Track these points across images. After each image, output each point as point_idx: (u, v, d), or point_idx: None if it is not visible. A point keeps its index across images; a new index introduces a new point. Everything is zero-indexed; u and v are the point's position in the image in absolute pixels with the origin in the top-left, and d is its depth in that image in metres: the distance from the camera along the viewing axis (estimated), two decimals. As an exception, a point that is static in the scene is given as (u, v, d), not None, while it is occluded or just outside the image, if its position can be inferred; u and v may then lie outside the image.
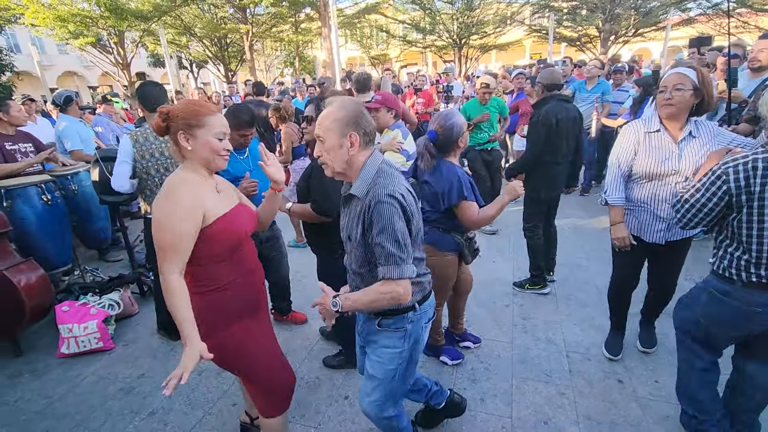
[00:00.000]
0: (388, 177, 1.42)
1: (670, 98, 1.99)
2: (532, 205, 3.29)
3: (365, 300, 1.44)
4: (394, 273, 1.37)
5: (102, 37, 15.63)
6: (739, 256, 1.59)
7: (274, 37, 20.99)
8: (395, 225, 1.35)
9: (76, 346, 2.83)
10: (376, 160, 1.46)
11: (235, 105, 2.73)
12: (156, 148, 2.71)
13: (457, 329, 2.74)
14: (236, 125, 2.43)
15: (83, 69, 27.70)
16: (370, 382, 1.66)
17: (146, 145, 2.68)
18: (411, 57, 27.21)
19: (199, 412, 2.32)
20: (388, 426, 1.72)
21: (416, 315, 1.56)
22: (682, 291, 3.20)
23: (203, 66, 23.09)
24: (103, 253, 4.59)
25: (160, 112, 1.41)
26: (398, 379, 1.62)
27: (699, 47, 4.72)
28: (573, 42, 19.00)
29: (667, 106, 2.02)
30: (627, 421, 2.10)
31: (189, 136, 1.42)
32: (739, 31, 14.65)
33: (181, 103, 1.45)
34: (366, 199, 1.40)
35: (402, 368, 1.60)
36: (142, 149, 2.66)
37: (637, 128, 2.18)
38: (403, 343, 1.56)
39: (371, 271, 1.48)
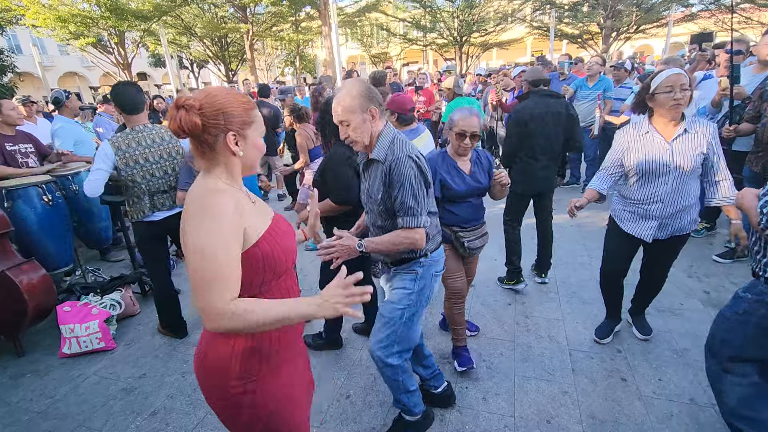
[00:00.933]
0: (402, 143, 1.65)
1: (680, 98, 2.03)
2: (512, 199, 3.28)
3: (386, 242, 1.68)
4: (412, 222, 1.63)
5: (103, 37, 15.68)
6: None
7: (275, 37, 20.98)
8: (412, 182, 1.59)
9: (78, 346, 2.83)
10: (390, 129, 1.69)
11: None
12: (140, 154, 2.64)
13: None
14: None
15: (84, 70, 27.78)
16: (379, 322, 1.85)
17: (129, 152, 2.60)
18: (412, 55, 27.15)
19: (201, 412, 2.32)
20: (393, 379, 1.87)
21: (427, 260, 1.80)
22: (681, 287, 3.21)
23: (204, 66, 23.16)
24: (104, 253, 4.60)
25: (190, 107, 1.03)
26: (405, 322, 1.80)
27: (701, 43, 4.70)
28: (574, 39, 18.92)
29: (677, 106, 2.05)
30: (631, 420, 2.08)
31: (241, 137, 1.11)
32: (742, 26, 14.55)
33: (223, 96, 1.08)
34: (387, 161, 1.62)
35: (410, 311, 1.80)
36: (125, 156, 2.59)
37: (628, 132, 2.27)
38: (413, 284, 1.79)
39: (393, 223, 1.70)
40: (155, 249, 2.92)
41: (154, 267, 2.97)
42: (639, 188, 2.26)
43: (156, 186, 2.73)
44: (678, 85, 2.01)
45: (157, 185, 2.73)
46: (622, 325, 2.79)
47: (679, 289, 3.21)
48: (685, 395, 2.21)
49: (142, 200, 2.70)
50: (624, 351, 2.58)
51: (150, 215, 2.73)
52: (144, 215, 2.72)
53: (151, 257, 2.94)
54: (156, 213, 2.75)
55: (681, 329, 2.73)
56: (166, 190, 2.78)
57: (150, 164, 2.69)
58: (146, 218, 2.73)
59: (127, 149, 2.61)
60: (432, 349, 2.59)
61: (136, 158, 2.64)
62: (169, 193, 2.80)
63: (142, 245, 2.91)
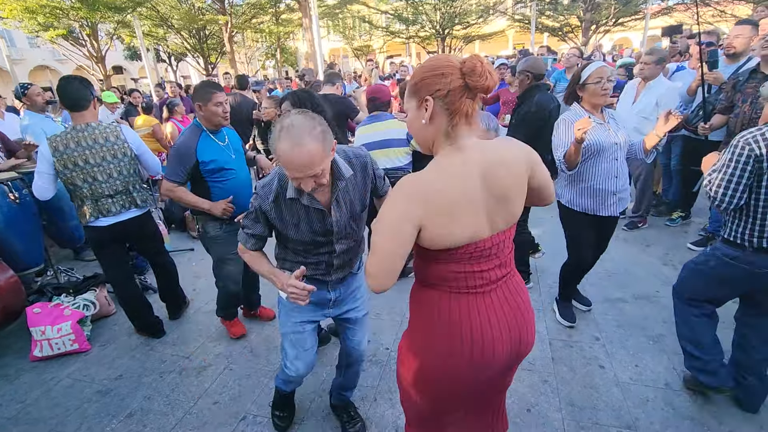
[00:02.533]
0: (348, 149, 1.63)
1: (607, 88, 2.29)
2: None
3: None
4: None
5: (74, 29, 15.13)
6: (751, 225, 1.77)
7: (255, 29, 20.59)
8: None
9: (50, 348, 2.74)
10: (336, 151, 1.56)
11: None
12: (79, 155, 2.45)
13: None
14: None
15: (56, 63, 26.77)
16: (365, 323, 1.94)
17: (68, 153, 2.43)
18: (394, 48, 27.01)
19: (179, 412, 2.27)
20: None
21: None
22: (657, 275, 3.28)
23: (182, 59, 22.54)
24: (78, 252, 4.45)
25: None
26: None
27: (671, 35, 4.82)
28: (555, 32, 19.10)
29: (604, 94, 2.30)
30: (608, 406, 2.12)
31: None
32: (716, 19, 14.91)
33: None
34: (357, 164, 1.58)
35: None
36: (63, 158, 2.42)
37: (570, 118, 2.37)
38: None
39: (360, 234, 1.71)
40: (109, 254, 2.75)
41: (112, 273, 2.82)
42: (593, 167, 2.40)
43: (99, 190, 2.55)
44: (605, 76, 2.26)
45: (100, 189, 2.55)
46: (598, 312, 2.85)
47: (655, 276, 3.28)
48: (661, 380, 2.26)
49: (84, 204, 2.54)
50: (602, 339, 2.62)
51: (94, 221, 2.58)
52: (86, 220, 2.56)
53: (106, 263, 2.79)
54: (101, 218, 2.58)
55: (657, 316, 2.79)
56: (111, 194, 2.59)
57: (91, 167, 2.50)
58: (91, 223, 2.58)
59: (65, 150, 2.42)
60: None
61: (75, 160, 2.45)
62: (115, 197, 2.61)
63: (97, 251, 2.76)
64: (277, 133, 1.31)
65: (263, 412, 2.21)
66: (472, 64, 1.04)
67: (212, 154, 2.43)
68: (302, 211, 1.53)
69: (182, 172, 2.40)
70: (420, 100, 1.11)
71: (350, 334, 1.93)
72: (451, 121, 1.09)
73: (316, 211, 1.53)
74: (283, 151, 1.30)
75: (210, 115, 2.41)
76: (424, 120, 1.10)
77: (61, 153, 2.43)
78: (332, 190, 1.52)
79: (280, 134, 1.30)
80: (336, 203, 1.54)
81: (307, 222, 1.55)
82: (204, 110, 2.40)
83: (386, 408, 2.21)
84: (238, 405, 2.29)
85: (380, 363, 2.54)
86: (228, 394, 2.37)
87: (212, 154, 2.44)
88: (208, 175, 2.44)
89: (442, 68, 1.07)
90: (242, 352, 2.72)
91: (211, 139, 2.46)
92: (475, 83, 1.05)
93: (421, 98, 1.10)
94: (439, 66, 1.07)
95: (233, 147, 2.57)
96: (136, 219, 2.73)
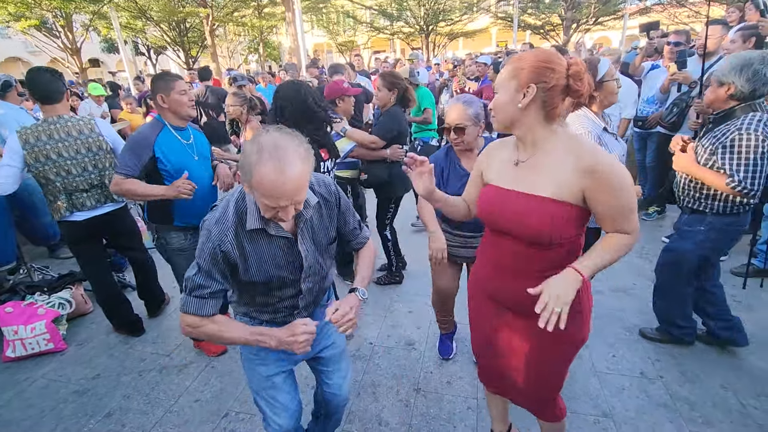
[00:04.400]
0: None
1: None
2: None
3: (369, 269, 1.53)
4: (368, 233, 1.57)
5: (47, 19, 14.59)
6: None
7: (237, 22, 20.19)
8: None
9: (23, 348, 2.66)
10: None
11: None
12: (51, 148, 2.37)
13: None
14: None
15: (29, 55, 25.78)
16: (344, 361, 1.67)
17: (39, 146, 2.34)
18: (379, 44, 26.92)
19: (160, 411, 2.23)
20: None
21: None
22: (633, 268, 3.37)
23: (162, 52, 22.01)
24: (53, 249, 4.32)
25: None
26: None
27: (648, 31, 4.94)
28: (537, 30, 19.33)
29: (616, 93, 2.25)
30: (586, 395, 2.18)
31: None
32: (692, 20, 15.31)
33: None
34: (322, 193, 1.37)
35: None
36: (34, 150, 2.33)
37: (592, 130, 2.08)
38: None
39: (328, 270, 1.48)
40: (86, 250, 2.68)
41: (90, 270, 2.75)
42: None
43: (74, 184, 2.46)
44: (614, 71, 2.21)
45: (74, 183, 2.46)
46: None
47: (631, 269, 3.37)
48: (636, 369, 2.33)
49: (58, 199, 2.46)
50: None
51: (68, 216, 2.49)
52: (61, 216, 2.48)
53: (83, 259, 2.71)
54: (76, 213, 2.51)
55: (633, 308, 2.87)
56: (86, 188, 2.51)
57: (64, 160, 2.41)
58: (66, 218, 2.50)
59: (36, 143, 2.33)
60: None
61: (47, 153, 2.36)
62: (90, 191, 2.53)
63: (73, 247, 2.68)
64: (254, 155, 1.06)
65: (246, 409, 2.20)
66: (578, 69, 1.13)
67: (171, 152, 2.22)
68: (265, 243, 1.27)
69: (135, 165, 2.14)
70: (522, 84, 1.16)
71: (326, 377, 1.63)
72: (542, 111, 1.18)
73: (282, 242, 1.29)
74: (265, 176, 1.05)
75: (176, 106, 2.21)
76: (520, 104, 1.17)
77: (31, 145, 2.34)
78: (296, 222, 1.31)
79: (260, 156, 1.06)
80: (302, 235, 1.32)
81: (271, 256, 1.29)
82: (167, 101, 2.19)
83: (369, 402, 2.22)
84: (220, 402, 2.27)
85: (364, 357, 2.55)
86: (210, 392, 2.35)
87: (171, 152, 2.22)
88: (166, 176, 2.22)
89: (554, 63, 1.14)
90: (223, 351, 2.69)
91: (173, 135, 2.25)
92: (576, 87, 1.14)
93: (524, 83, 1.16)
94: (552, 60, 1.14)
95: (197, 149, 2.35)
96: (113, 213, 2.66)
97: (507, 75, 1.20)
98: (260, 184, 1.07)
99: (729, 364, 2.32)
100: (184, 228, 2.34)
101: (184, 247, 2.37)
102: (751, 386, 2.16)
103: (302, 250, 1.32)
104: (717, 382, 2.20)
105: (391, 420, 2.10)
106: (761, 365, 2.29)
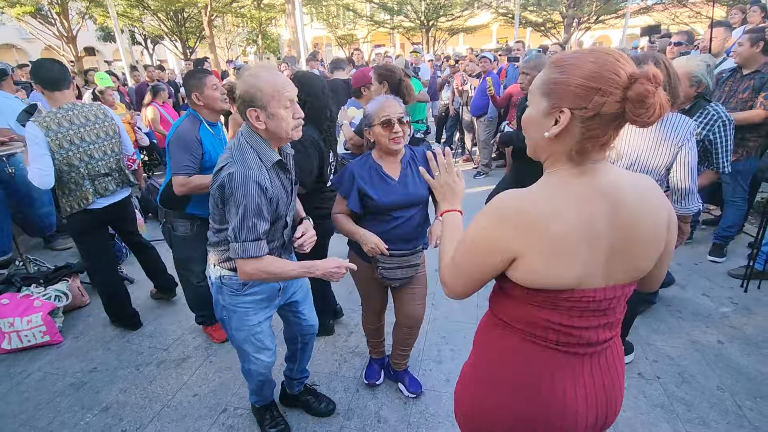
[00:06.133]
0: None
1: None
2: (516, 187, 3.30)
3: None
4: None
5: (42, 6, 14.36)
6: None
7: (235, 13, 19.97)
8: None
9: (19, 341, 2.64)
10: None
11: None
12: (74, 133, 2.38)
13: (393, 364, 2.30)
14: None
15: (23, 42, 25.42)
16: (309, 299, 1.94)
17: (62, 132, 2.34)
18: (378, 38, 26.75)
19: (157, 405, 2.22)
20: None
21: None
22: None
23: (159, 42, 21.75)
24: (48, 241, 4.28)
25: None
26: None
27: (650, 35, 4.95)
28: (538, 27, 19.27)
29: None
30: (584, 395, 2.18)
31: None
32: (692, 20, 15.31)
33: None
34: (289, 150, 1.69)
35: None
36: (57, 137, 2.32)
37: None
38: None
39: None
40: (96, 240, 2.67)
41: (99, 260, 2.73)
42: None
43: (96, 169, 2.51)
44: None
45: (97, 168, 2.51)
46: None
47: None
48: (634, 370, 2.33)
49: (82, 186, 2.46)
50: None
51: (94, 202, 2.50)
52: (88, 203, 2.48)
53: (94, 250, 2.69)
54: (99, 200, 2.53)
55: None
56: (107, 172, 2.56)
57: (87, 144, 2.44)
58: (90, 207, 2.49)
59: (59, 129, 2.33)
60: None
61: (70, 138, 2.37)
62: (111, 176, 2.58)
63: (82, 238, 2.64)
64: (248, 74, 1.40)
65: (244, 404, 2.19)
66: (642, 91, 0.74)
67: (211, 147, 2.29)
68: (276, 177, 1.51)
69: (193, 162, 2.21)
70: (553, 107, 0.83)
71: (300, 314, 1.89)
72: (580, 144, 0.83)
73: (286, 173, 1.58)
74: (270, 80, 1.38)
75: (210, 101, 2.29)
76: (548, 134, 0.84)
77: (54, 132, 2.33)
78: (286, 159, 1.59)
79: (257, 76, 1.38)
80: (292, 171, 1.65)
81: (282, 187, 1.54)
82: (202, 98, 2.27)
83: (368, 399, 2.22)
84: (218, 397, 2.26)
85: (362, 354, 2.54)
86: (208, 387, 2.34)
87: (211, 146, 2.30)
88: (202, 171, 2.27)
89: (602, 81, 0.77)
90: (222, 344, 2.68)
91: (209, 131, 2.32)
92: (637, 116, 0.76)
93: (556, 106, 0.83)
94: (600, 76, 0.77)
95: (225, 142, 2.44)
96: (125, 199, 2.75)
97: (539, 85, 0.87)
98: (276, 86, 1.37)
99: (726, 366, 2.33)
100: (192, 217, 2.41)
101: (188, 236, 2.46)
102: (747, 388, 2.18)
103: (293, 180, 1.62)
104: (714, 383, 2.22)
105: (390, 417, 2.10)
106: (758, 367, 2.31)
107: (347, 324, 2.85)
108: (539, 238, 0.82)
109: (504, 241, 0.86)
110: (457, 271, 0.98)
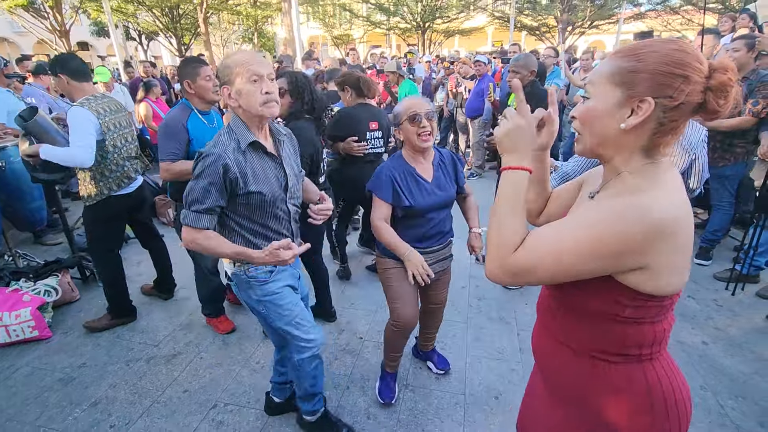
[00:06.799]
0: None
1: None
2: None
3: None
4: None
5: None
6: None
7: (231, 10, 19.88)
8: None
9: (7, 335, 2.61)
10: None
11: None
12: (111, 120, 2.50)
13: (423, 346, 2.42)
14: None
15: (15, 35, 25.09)
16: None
17: (107, 117, 2.46)
18: (374, 39, 26.78)
19: (147, 401, 2.22)
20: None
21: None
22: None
23: (153, 38, 21.57)
24: (38, 236, 4.24)
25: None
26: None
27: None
28: (533, 31, 19.42)
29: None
30: (571, 393, 2.22)
31: None
32: (684, 28, 15.53)
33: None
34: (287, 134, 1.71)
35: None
36: (105, 120, 2.45)
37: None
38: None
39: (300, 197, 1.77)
40: (116, 231, 2.76)
41: (111, 252, 2.74)
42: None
43: (126, 153, 2.62)
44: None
45: (128, 150, 2.65)
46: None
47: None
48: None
49: (123, 166, 2.57)
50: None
51: (130, 184, 2.64)
52: (127, 183, 2.61)
53: (108, 241, 2.71)
54: (126, 186, 2.63)
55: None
56: (136, 155, 2.72)
57: (121, 129, 2.59)
58: (117, 193, 2.56)
59: (104, 114, 2.45)
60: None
61: (115, 123, 2.52)
62: (133, 161, 2.69)
63: (104, 226, 2.64)
64: (228, 60, 1.45)
65: (234, 400, 2.20)
66: (725, 80, 0.73)
67: (200, 135, 2.31)
68: (258, 157, 1.51)
69: (177, 148, 2.25)
70: (632, 96, 0.78)
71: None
72: (658, 136, 0.79)
73: (269, 158, 1.56)
74: (241, 55, 1.43)
75: (202, 91, 2.33)
76: (624, 125, 0.79)
77: (102, 116, 2.44)
78: (276, 145, 1.61)
79: (233, 56, 1.45)
80: (283, 159, 1.61)
81: (263, 168, 1.52)
82: (194, 87, 2.31)
83: (358, 396, 2.23)
84: (208, 393, 2.26)
85: (353, 352, 2.56)
86: (198, 383, 2.34)
87: (200, 134, 2.32)
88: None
89: (689, 67, 0.74)
90: (213, 341, 2.68)
91: (200, 119, 2.36)
92: (718, 107, 0.75)
93: (636, 95, 0.77)
94: (687, 63, 0.74)
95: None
96: (144, 183, 2.85)
97: (608, 75, 0.81)
98: (242, 62, 1.40)
99: (709, 366, 2.38)
100: None
101: None
102: (729, 388, 2.22)
103: (286, 166, 1.60)
104: (697, 383, 2.26)
105: (379, 414, 2.12)
106: (740, 368, 2.36)
107: (338, 322, 2.86)
108: (674, 245, 0.76)
109: (640, 254, 0.76)
110: (554, 265, 0.81)
